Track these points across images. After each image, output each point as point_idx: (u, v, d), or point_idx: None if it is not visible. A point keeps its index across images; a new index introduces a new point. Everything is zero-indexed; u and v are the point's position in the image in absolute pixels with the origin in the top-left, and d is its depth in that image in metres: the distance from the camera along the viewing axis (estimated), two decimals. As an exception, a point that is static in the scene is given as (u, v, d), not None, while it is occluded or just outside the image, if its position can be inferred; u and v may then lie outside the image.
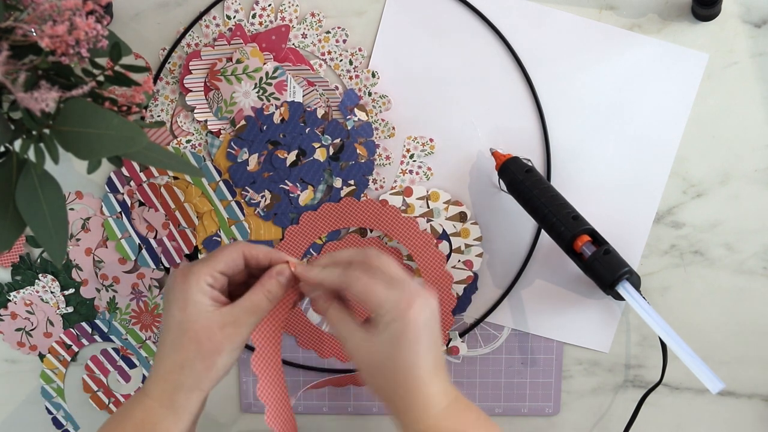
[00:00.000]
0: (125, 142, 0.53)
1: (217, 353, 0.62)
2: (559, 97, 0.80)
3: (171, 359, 0.63)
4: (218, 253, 0.65)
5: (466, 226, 0.82)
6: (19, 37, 0.54)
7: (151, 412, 0.63)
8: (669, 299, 0.83)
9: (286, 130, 0.81)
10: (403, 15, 0.81)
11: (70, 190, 0.84)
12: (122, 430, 0.63)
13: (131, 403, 0.64)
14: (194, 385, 0.63)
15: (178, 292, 0.63)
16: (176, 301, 0.63)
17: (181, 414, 0.63)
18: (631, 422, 0.82)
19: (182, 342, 0.62)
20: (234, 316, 0.63)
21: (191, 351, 0.62)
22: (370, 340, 0.62)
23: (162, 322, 0.65)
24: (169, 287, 0.65)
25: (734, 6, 0.78)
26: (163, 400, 0.63)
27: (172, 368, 0.62)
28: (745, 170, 0.80)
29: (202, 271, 0.63)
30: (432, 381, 0.62)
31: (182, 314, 0.62)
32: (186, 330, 0.62)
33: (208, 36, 0.81)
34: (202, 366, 0.62)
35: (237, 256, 0.65)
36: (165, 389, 0.63)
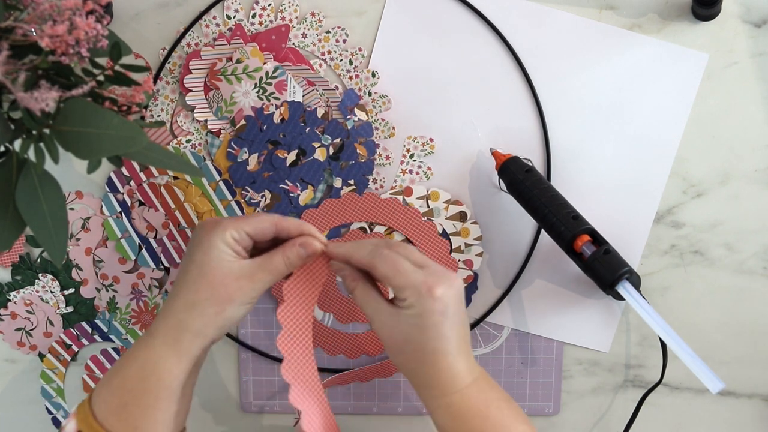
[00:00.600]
0: (125, 141, 0.53)
1: (228, 301, 0.64)
2: (559, 97, 0.80)
3: (183, 298, 0.64)
4: (250, 216, 0.67)
5: (466, 225, 0.82)
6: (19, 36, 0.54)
7: (153, 351, 0.64)
8: (669, 299, 0.83)
9: (286, 130, 0.81)
10: (403, 15, 0.81)
11: (70, 190, 0.84)
12: (126, 368, 0.64)
13: (137, 344, 0.65)
14: (200, 328, 0.64)
15: (204, 238, 0.65)
16: (200, 246, 0.64)
17: (183, 355, 0.64)
18: (631, 422, 0.82)
19: (198, 283, 0.64)
20: (250, 271, 0.65)
21: (205, 293, 0.64)
22: (397, 317, 0.63)
23: (181, 265, 0.67)
24: (195, 233, 0.66)
25: (734, 6, 0.78)
26: (167, 339, 0.64)
27: (183, 307, 0.64)
28: (745, 170, 0.80)
29: (231, 225, 0.65)
30: (456, 359, 0.63)
31: (204, 257, 0.64)
32: (204, 273, 0.64)
33: (208, 36, 0.81)
34: (212, 310, 0.63)
35: (268, 225, 0.66)
36: (171, 328, 0.64)
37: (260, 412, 0.87)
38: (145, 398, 0.63)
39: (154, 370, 0.63)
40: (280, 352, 0.68)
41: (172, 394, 0.64)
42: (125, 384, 0.64)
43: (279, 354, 0.85)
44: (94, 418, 0.63)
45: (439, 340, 0.63)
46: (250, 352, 0.86)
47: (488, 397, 0.64)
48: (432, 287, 0.62)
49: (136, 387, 0.63)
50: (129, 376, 0.64)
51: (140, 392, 0.63)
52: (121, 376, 0.64)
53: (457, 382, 0.63)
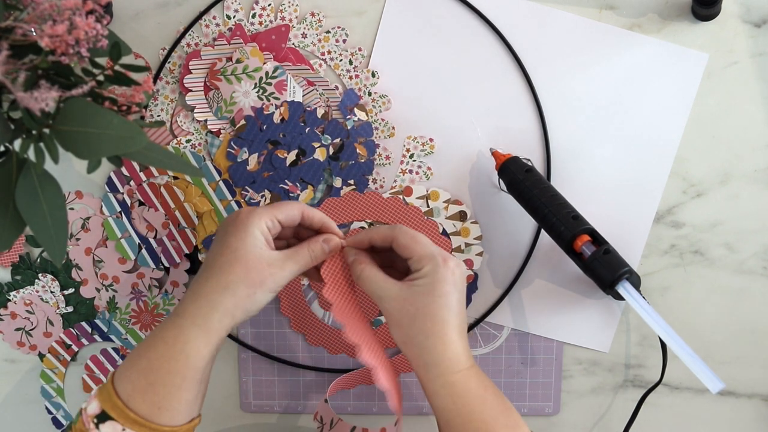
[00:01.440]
0: (125, 141, 0.53)
1: (260, 285, 0.66)
2: (559, 97, 0.80)
3: (216, 279, 0.66)
4: (281, 205, 0.69)
5: (466, 225, 0.82)
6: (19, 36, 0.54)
7: (183, 331, 0.65)
8: (669, 299, 0.83)
9: (286, 130, 0.81)
10: (403, 15, 0.81)
11: (70, 189, 0.84)
12: (153, 349, 0.65)
13: (162, 325, 0.67)
14: (230, 308, 0.66)
15: (239, 225, 0.67)
16: (236, 232, 0.67)
17: (212, 335, 0.65)
18: (631, 422, 0.82)
19: (233, 266, 0.66)
20: (281, 260, 0.68)
21: (240, 275, 0.66)
22: (408, 290, 0.67)
23: (211, 251, 0.68)
24: (229, 220, 0.69)
25: (734, 6, 0.78)
26: (197, 319, 0.65)
27: (215, 288, 0.66)
28: (745, 170, 0.80)
29: (266, 214, 0.68)
30: (458, 338, 0.67)
31: (239, 243, 0.66)
32: (239, 257, 0.66)
33: (208, 36, 0.81)
34: (244, 292, 0.66)
35: (297, 212, 0.70)
36: (201, 307, 0.65)
37: (260, 412, 0.87)
38: (172, 378, 0.64)
39: (183, 349, 0.64)
40: (341, 323, 0.70)
41: (197, 375, 0.65)
42: (152, 364, 0.64)
43: (279, 354, 0.86)
44: (119, 397, 0.64)
45: (448, 310, 0.66)
46: (250, 352, 0.86)
47: (485, 383, 0.67)
48: (446, 259, 0.67)
49: (163, 367, 0.64)
50: (156, 356, 0.65)
51: (168, 372, 0.64)
52: (147, 356, 0.65)
53: (460, 362, 0.66)
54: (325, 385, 0.86)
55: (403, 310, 0.67)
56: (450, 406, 0.66)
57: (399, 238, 0.68)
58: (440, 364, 0.66)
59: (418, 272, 0.67)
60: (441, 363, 0.66)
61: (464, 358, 0.67)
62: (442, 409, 0.66)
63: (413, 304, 0.66)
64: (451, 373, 0.66)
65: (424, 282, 0.67)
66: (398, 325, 0.67)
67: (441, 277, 0.66)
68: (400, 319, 0.67)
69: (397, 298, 0.67)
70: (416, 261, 0.67)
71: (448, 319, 0.66)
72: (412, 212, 0.81)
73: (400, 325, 0.67)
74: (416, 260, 0.67)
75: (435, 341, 0.66)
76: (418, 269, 0.67)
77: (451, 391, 0.66)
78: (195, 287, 0.67)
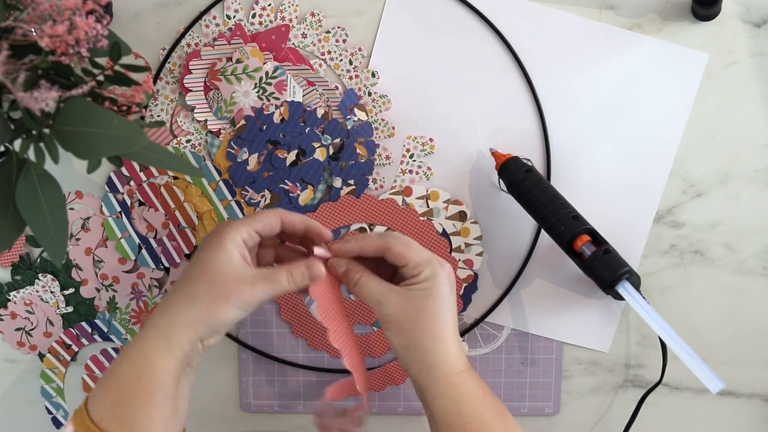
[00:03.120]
0: (125, 141, 0.53)
1: (223, 300, 0.64)
2: (559, 97, 0.80)
3: (181, 291, 0.65)
4: (258, 214, 0.68)
5: (466, 225, 0.82)
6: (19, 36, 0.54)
7: (144, 346, 0.64)
8: (669, 299, 0.83)
9: (286, 130, 0.81)
10: (403, 15, 0.81)
11: (70, 190, 0.84)
12: (119, 367, 0.65)
13: (130, 342, 0.66)
14: (191, 322, 0.64)
15: (214, 238, 0.66)
16: (210, 244, 0.66)
17: (173, 348, 0.64)
18: (631, 422, 0.82)
19: (198, 277, 0.65)
20: (252, 279, 0.65)
21: (202, 287, 0.64)
22: (408, 294, 0.67)
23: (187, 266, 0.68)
24: (208, 235, 0.68)
25: (734, 6, 0.78)
26: (159, 333, 0.64)
27: (179, 299, 0.65)
28: (745, 170, 0.80)
29: (241, 227, 0.66)
30: (454, 341, 0.68)
31: (209, 255, 0.65)
32: (206, 269, 0.65)
33: (208, 36, 0.81)
34: (206, 306, 0.64)
35: (275, 220, 0.68)
36: (164, 320, 0.65)
37: (260, 412, 0.87)
38: (138, 395, 0.63)
39: (146, 365, 0.63)
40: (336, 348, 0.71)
41: (165, 390, 0.63)
42: (119, 383, 0.64)
43: (279, 354, 0.86)
44: (91, 420, 0.63)
45: (447, 312, 0.67)
46: (250, 352, 0.86)
47: (482, 384, 0.68)
48: (441, 263, 0.68)
49: (129, 384, 0.63)
50: (122, 374, 0.64)
51: (133, 389, 0.63)
52: (115, 375, 0.64)
53: (459, 363, 0.67)
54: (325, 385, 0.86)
55: (405, 314, 0.67)
56: (453, 407, 0.66)
57: (393, 248, 0.68)
58: (444, 365, 0.66)
59: (416, 277, 0.67)
60: (445, 364, 0.66)
61: (462, 359, 0.68)
62: (445, 412, 0.66)
63: (414, 307, 0.67)
64: (454, 374, 0.66)
65: (424, 286, 0.67)
66: (400, 330, 0.67)
67: (440, 281, 0.67)
68: (402, 323, 0.67)
69: (397, 303, 0.67)
70: (413, 267, 0.67)
71: (448, 320, 0.67)
72: (407, 213, 0.81)
73: (402, 330, 0.67)
74: (413, 266, 0.67)
75: (439, 343, 0.67)
76: (415, 275, 0.67)
77: (454, 392, 0.66)
78: (162, 300, 0.66)
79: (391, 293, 0.68)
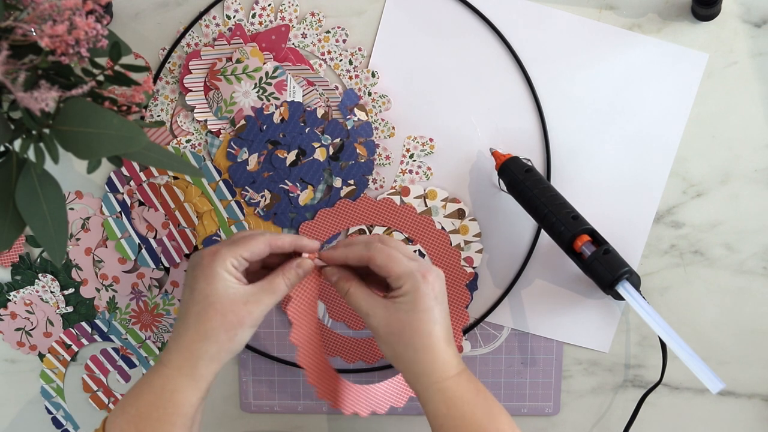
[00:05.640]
0: (125, 141, 0.53)
1: (239, 326, 0.66)
2: (558, 97, 0.80)
3: (195, 329, 0.66)
4: (246, 241, 0.68)
5: (465, 222, 0.82)
6: (19, 36, 0.54)
7: (170, 380, 0.66)
8: (669, 299, 0.83)
9: (286, 130, 0.81)
10: (403, 15, 0.81)
11: (70, 190, 0.84)
12: (141, 399, 0.66)
13: (149, 374, 0.67)
14: (215, 354, 0.66)
15: (206, 269, 0.67)
16: (204, 277, 0.67)
17: (200, 382, 0.66)
18: (631, 422, 0.82)
19: (208, 313, 0.66)
20: (256, 295, 0.67)
21: (216, 322, 0.66)
22: (393, 307, 0.67)
23: (184, 297, 0.68)
24: (194, 264, 0.68)
25: (734, 6, 0.78)
26: (184, 369, 0.66)
27: (196, 338, 0.66)
28: (745, 170, 0.80)
29: (229, 254, 0.67)
30: (447, 346, 0.68)
31: (209, 288, 0.66)
32: (212, 302, 0.66)
33: (208, 36, 0.81)
34: (225, 337, 0.66)
35: (263, 247, 0.69)
36: (186, 358, 0.66)
37: (260, 412, 0.87)
38: (161, 426, 0.65)
39: (171, 398, 0.65)
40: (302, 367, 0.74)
41: (187, 422, 0.66)
42: (141, 412, 0.65)
43: (279, 354, 0.86)
44: None
45: (433, 324, 0.67)
46: (250, 352, 0.86)
47: (476, 387, 0.68)
48: (425, 274, 0.67)
49: (152, 415, 0.65)
50: (145, 404, 0.66)
51: (157, 420, 0.65)
52: (136, 405, 0.66)
53: (449, 369, 0.67)
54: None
55: (389, 328, 0.67)
56: (443, 411, 0.67)
57: (375, 259, 0.68)
58: (431, 373, 0.67)
59: (399, 290, 0.67)
60: (432, 373, 0.67)
61: (454, 364, 0.68)
62: (435, 415, 0.67)
63: (398, 321, 0.67)
64: (443, 380, 0.67)
65: (406, 300, 0.67)
66: (386, 342, 0.68)
67: (422, 294, 0.66)
68: (387, 337, 0.68)
69: (382, 316, 0.68)
70: (395, 279, 0.67)
71: (433, 331, 0.67)
72: (405, 211, 0.81)
73: (388, 342, 0.68)
74: (395, 279, 0.67)
75: (423, 354, 0.67)
76: (398, 287, 0.67)
77: (443, 396, 0.67)
78: (177, 336, 0.67)
79: (378, 306, 0.68)
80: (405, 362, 0.68)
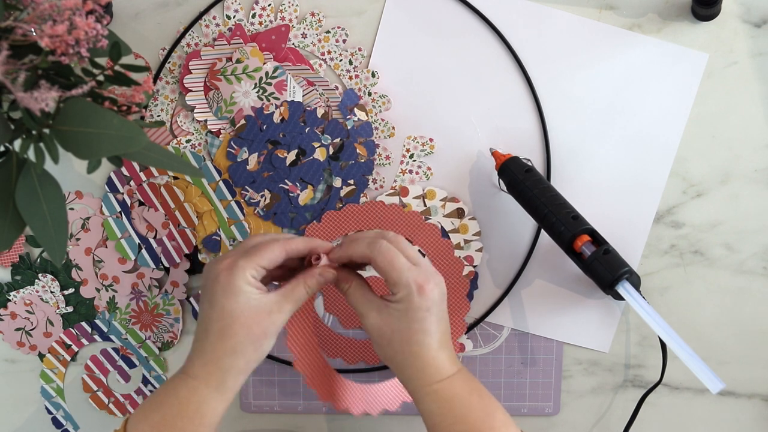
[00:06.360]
0: (125, 141, 0.53)
1: (264, 337, 0.67)
2: (558, 97, 0.80)
3: (221, 345, 0.66)
4: (261, 250, 0.68)
5: (465, 221, 0.82)
6: (19, 36, 0.54)
7: (196, 392, 0.66)
8: (669, 299, 0.83)
9: (285, 130, 0.81)
10: (403, 15, 0.81)
11: (70, 190, 0.84)
12: (165, 406, 0.66)
13: (174, 382, 0.67)
14: (243, 366, 0.67)
15: (225, 284, 0.66)
16: (224, 292, 0.66)
17: (227, 395, 0.67)
18: (631, 422, 0.82)
19: (233, 328, 0.66)
20: (278, 304, 0.68)
21: (242, 336, 0.66)
22: (387, 311, 0.68)
23: (203, 311, 0.68)
24: (213, 278, 0.67)
25: (734, 6, 0.78)
26: (211, 382, 0.66)
27: (221, 353, 0.66)
28: (745, 170, 0.80)
29: (248, 265, 0.67)
30: (439, 352, 0.68)
31: (232, 303, 0.66)
32: (237, 317, 0.66)
33: (208, 36, 0.81)
34: (252, 348, 0.67)
35: (280, 254, 0.69)
36: (213, 372, 0.66)
37: (260, 412, 0.87)
38: None
39: (198, 409, 0.66)
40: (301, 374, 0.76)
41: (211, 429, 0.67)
42: (166, 420, 0.66)
43: (279, 354, 0.86)
44: None
45: (424, 334, 0.67)
46: (250, 352, 0.86)
47: (471, 387, 0.68)
48: (422, 285, 0.67)
49: (177, 424, 0.65)
50: (171, 413, 0.66)
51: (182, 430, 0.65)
52: (161, 412, 0.66)
53: (441, 372, 0.67)
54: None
55: (380, 332, 0.68)
56: (436, 410, 0.67)
57: (376, 261, 0.68)
58: (422, 377, 0.67)
59: (394, 296, 0.67)
60: (422, 376, 0.67)
61: (448, 366, 0.68)
62: (429, 414, 0.67)
63: (389, 327, 0.67)
64: (435, 383, 0.67)
65: (398, 307, 0.67)
66: (377, 344, 0.69)
67: (415, 306, 0.66)
68: (378, 340, 0.68)
69: (377, 318, 0.68)
70: (392, 285, 0.67)
71: (423, 341, 0.67)
72: (411, 218, 0.81)
73: (379, 345, 0.69)
74: (392, 284, 0.67)
75: (413, 360, 0.67)
76: (393, 293, 0.67)
77: (436, 398, 0.67)
78: (200, 350, 0.67)
79: (372, 309, 0.68)
80: (395, 365, 0.68)
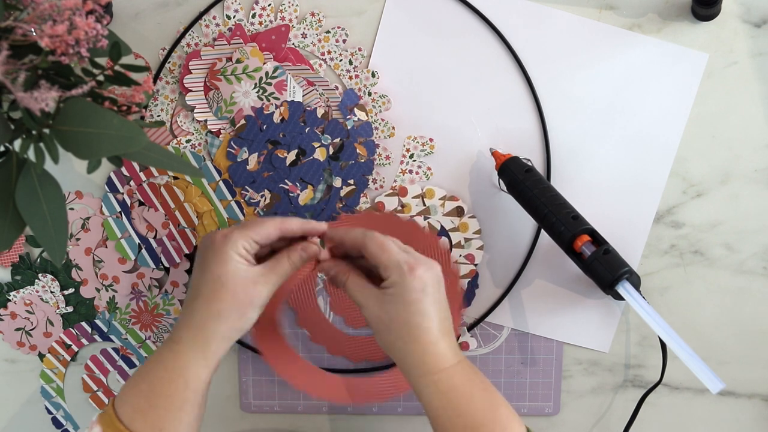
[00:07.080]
0: (125, 141, 0.53)
1: (249, 305, 0.68)
2: (558, 97, 0.80)
3: (207, 309, 0.68)
4: (257, 226, 0.70)
5: (464, 220, 0.82)
6: (19, 36, 0.54)
7: (181, 356, 0.68)
8: (669, 299, 0.83)
9: (285, 130, 0.81)
10: (403, 15, 0.81)
11: (70, 190, 0.84)
12: (152, 374, 0.68)
13: (160, 351, 0.69)
14: (226, 333, 0.68)
15: (218, 251, 0.69)
16: (215, 259, 0.69)
17: (211, 360, 0.68)
18: (631, 422, 0.82)
19: (220, 293, 0.68)
20: (264, 276, 0.69)
21: (228, 302, 0.68)
22: (383, 298, 0.68)
23: (194, 277, 0.70)
24: (206, 246, 0.70)
25: (734, 6, 0.78)
26: (196, 347, 0.68)
27: (208, 317, 0.68)
28: (745, 170, 0.80)
29: (241, 237, 0.69)
30: (439, 338, 0.68)
31: (221, 269, 0.68)
32: (224, 283, 0.68)
33: (208, 36, 0.81)
34: (236, 315, 0.68)
35: (274, 231, 0.71)
36: (198, 336, 0.68)
37: (260, 412, 0.87)
38: (172, 400, 0.66)
39: (182, 373, 0.67)
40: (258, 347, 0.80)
41: (198, 398, 0.67)
42: (153, 387, 0.67)
43: (279, 354, 0.86)
44: (120, 421, 0.66)
45: (421, 316, 0.67)
46: (250, 352, 0.86)
47: (473, 378, 0.68)
48: (413, 267, 0.67)
49: (164, 390, 0.67)
50: (156, 379, 0.67)
51: (168, 395, 0.66)
52: (148, 380, 0.67)
53: (442, 361, 0.67)
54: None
55: (379, 319, 0.68)
56: (436, 402, 0.67)
57: (368, 247, 0.69)
58: (421, 365, 0.67)
59: (386, 281, 0.68)
60: (422, 365, 0.67)
61: (449, 356, 0.68)
62: (429, 406, 0.67)
63: (387, 313, 0.68)
64: (435, 372, 0.67)
65: (392, 291, 0.67)
66: (377, 332, 0.69)
67: (408, 287, 0.67)
68: (377, 327, 0.69)
69: (373, 307, 0.69)
70: (383, 269, 0.68)
71: (422, 324, 0.67)
72: (427, 238, 0.80)
73: (379, 332, 0.69)
74: (383, 269, 0.68)
75: (413, 346, 0.67)
76: (386, 278, 0.68)
77: (436, 389, 0.67)
78: (187, 315, 0.69)
79: (371, 298, 0.69)
80: (396, 353, 0.68)
